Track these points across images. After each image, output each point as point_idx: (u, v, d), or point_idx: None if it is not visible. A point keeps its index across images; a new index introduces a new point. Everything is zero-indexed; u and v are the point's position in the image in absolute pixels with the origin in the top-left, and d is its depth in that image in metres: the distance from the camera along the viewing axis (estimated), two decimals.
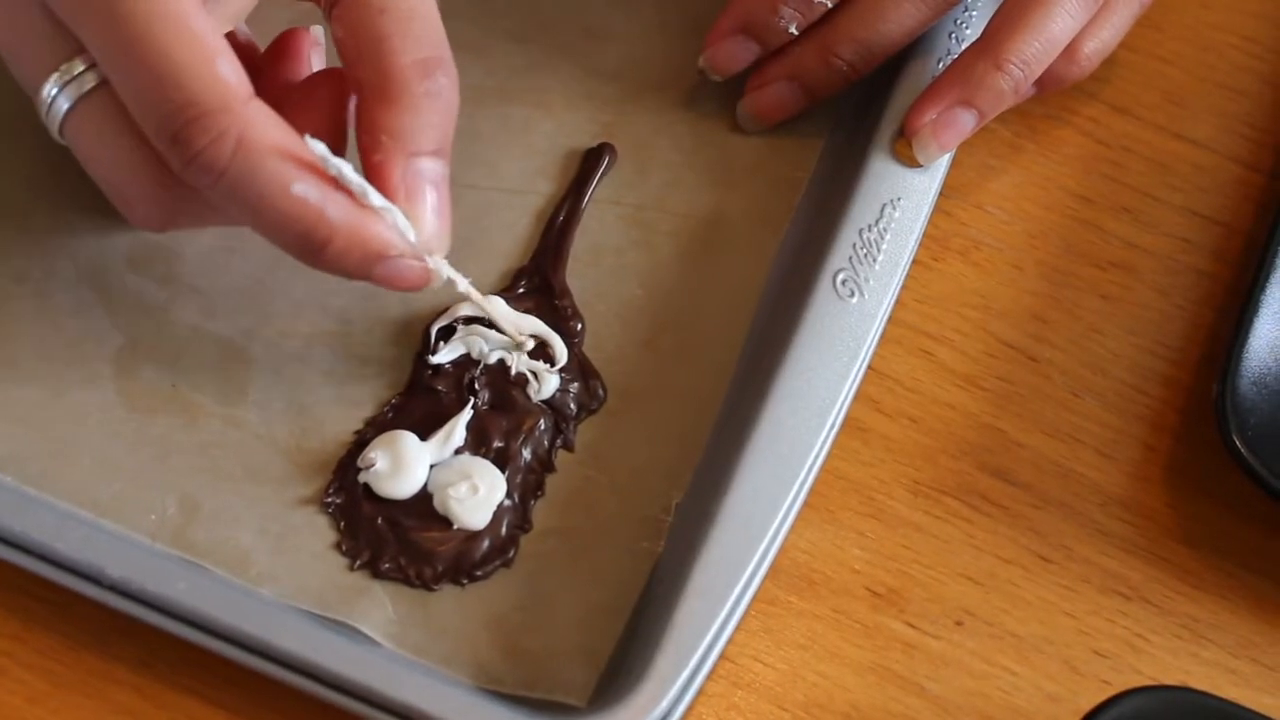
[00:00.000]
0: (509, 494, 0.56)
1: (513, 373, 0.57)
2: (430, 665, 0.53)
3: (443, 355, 0.57)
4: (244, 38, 0.57)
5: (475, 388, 0.57)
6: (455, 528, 0.55)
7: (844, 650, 0.56)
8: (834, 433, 0.56)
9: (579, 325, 0.59)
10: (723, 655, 0.53)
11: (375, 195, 0.51)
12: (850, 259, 0.58)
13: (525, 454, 0.56)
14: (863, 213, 0.59)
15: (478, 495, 0.55)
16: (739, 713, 0.55)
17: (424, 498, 0.55)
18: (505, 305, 0.58)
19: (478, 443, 0.56)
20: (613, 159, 0.62)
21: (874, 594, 0.57)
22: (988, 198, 0.63)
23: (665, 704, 0.51)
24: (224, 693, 0.53)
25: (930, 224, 0.61)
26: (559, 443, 0.57)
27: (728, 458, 0.55)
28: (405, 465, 0.55)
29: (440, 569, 0.54)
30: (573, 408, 0.57)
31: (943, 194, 0.61)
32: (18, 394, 0.56)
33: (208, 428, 0.56)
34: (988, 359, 0.61)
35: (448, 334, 0.58)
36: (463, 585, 0.54)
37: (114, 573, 0.52)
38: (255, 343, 0.58)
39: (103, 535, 0.53)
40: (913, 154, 0.60)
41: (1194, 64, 0.66)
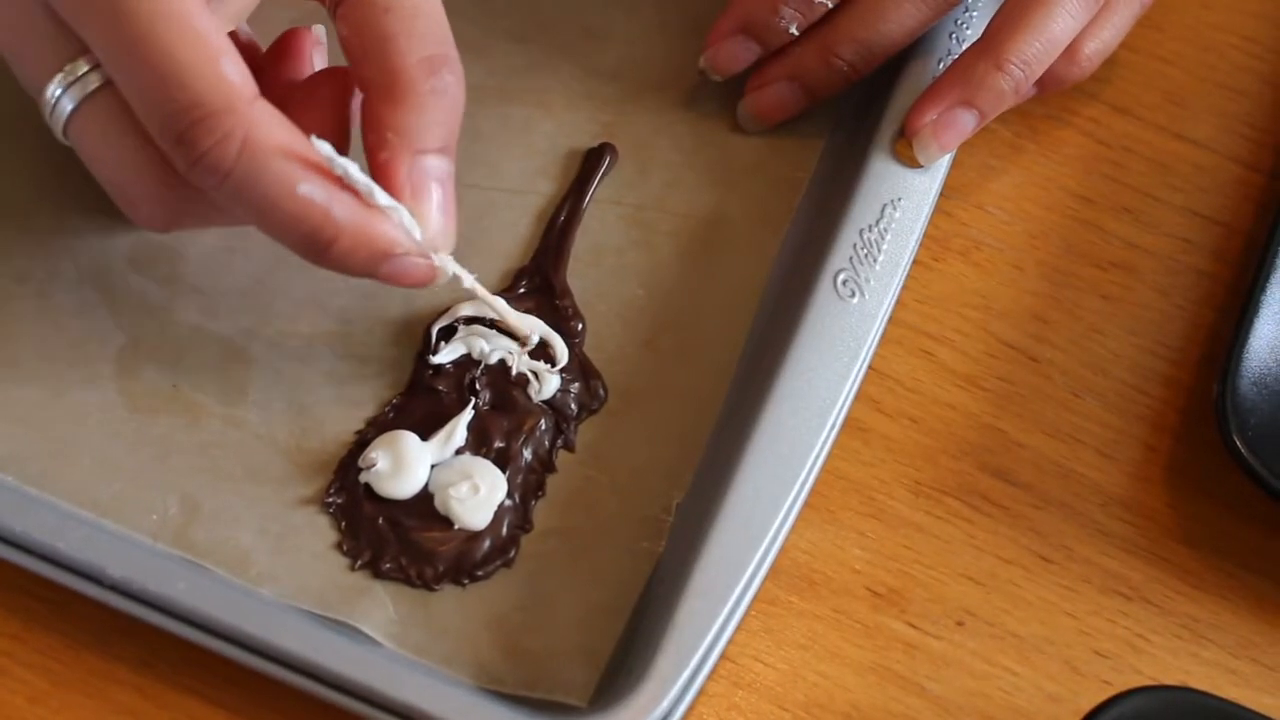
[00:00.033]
0: (510, 494, 0.56)
1: (513, 373, 0.57)
2: (431, 665, 0.53)
3: (444, 355, 0.57)
4: (245, 37, 0.57)
5: (476, 388, 0.57)
6: (456, 528, 0.55)
7: (845, 650, 0.56)
8: (834, 433, 0.56)
9: (580, 325, 0.59)
10: (723, 655, 0.53)
11: (381, 194, 0.51)
12: (851, 259, 0.58)
13: (526, 454, 0.56)
14: (863, 213, 0.59)
15: (479, 495, 0.55)
16: (740, 713, 0.55)
17: (425, 498, 0.55)
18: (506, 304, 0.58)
19: (479, 443, 0.56)
20: (613, 159, 0.62)
21: (875, 594, 0.57)
22: (988, 198, 0.63)
23: (666, 704, 0.51)
24: (225, 692, 0.53)
25: (931, 224, 0.61)
26: (560, 443, 0.57)
27: (728, 458, 0.55)
28: (406, 465, 0.55)
29: (441, 569, 0.54)
30: (573, 408, 0.57)
31: (943, 194, 0.61)
32: (19, 394, 0.56)
33: (208, 428, 0.56)
34: (988, 359, 0.61)
35: (449, 334, 0.58)
36: (464, 585, 0.54)
37: (115, 572, 0.52)
38: (256, 343, 0.58)
39: (103, 535, 0.53)
40: (913, 154, 0.60)
41: (1194, 64, 0.66)
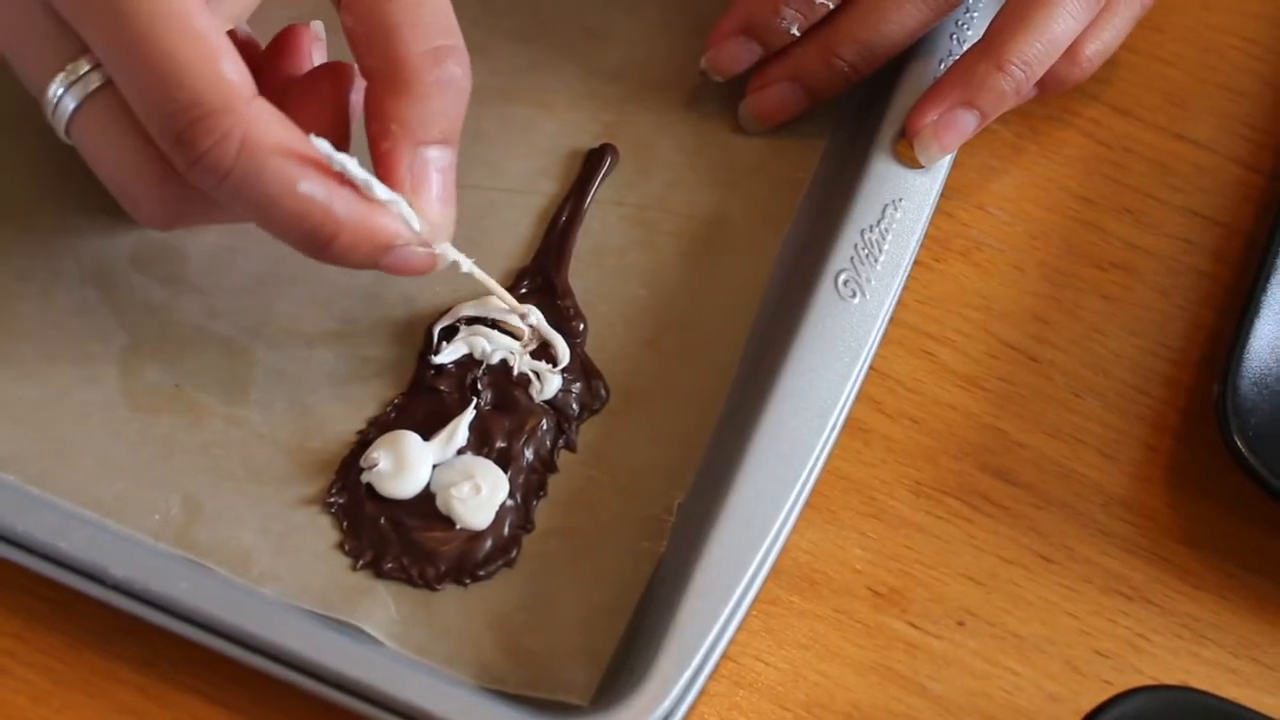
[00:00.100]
0: (511, 494, 0.56)
1: (515, 373, 0.57)
2: (433, 665, 0.53)
3: (445, 355, 0.57)
4: (244, 35, 0.57)
5: (478, 388, 0.57)
6: (458, 528, 0.55)
7: (846, 650, 0.56)
8: (836, 433, 0.56)
9: (581, 325, 0.59)
10: (725, 655, 0.53)
11: (380, 188, 0.51)
12: (852, 259, 0.59)
13: (528, 454, 0.56)
14: (864, 213, 0.59)
15: (480, 495, 0.55)
16: (741, 712, 0.55)
17: (427, 498, 0.55)
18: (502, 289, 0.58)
19: (480, 443, 0.56)
20: (615, 159, 0.62)
21: (876, 594, 0.57)
22: (989, 198, 0.63)
23: (667, 703, 0.51)
24: (227, 692, 0.53)
25: (931, 225, 0.61)
26: (561, 443, 0.57)
27: (730, 458, 0.55)
28: (408, 465, 0.55)
29: (443, 569, 0.54)
30: (575, 408, 0.57)
31: (944, 195, 0.61)
32: (21, 393, 0.56)
33: (210, 427, 0.56)
34: (989, 360, 0.61)
35: (450, 334, 0.58)
36: (465, 585, 0.54)
37: (117, 572, 0.52)
38: (258, 342, 0.58)
39: (106, 535, 0.53)
40: (914, 155, 0.60)
41: (1195, 65, 0.66)
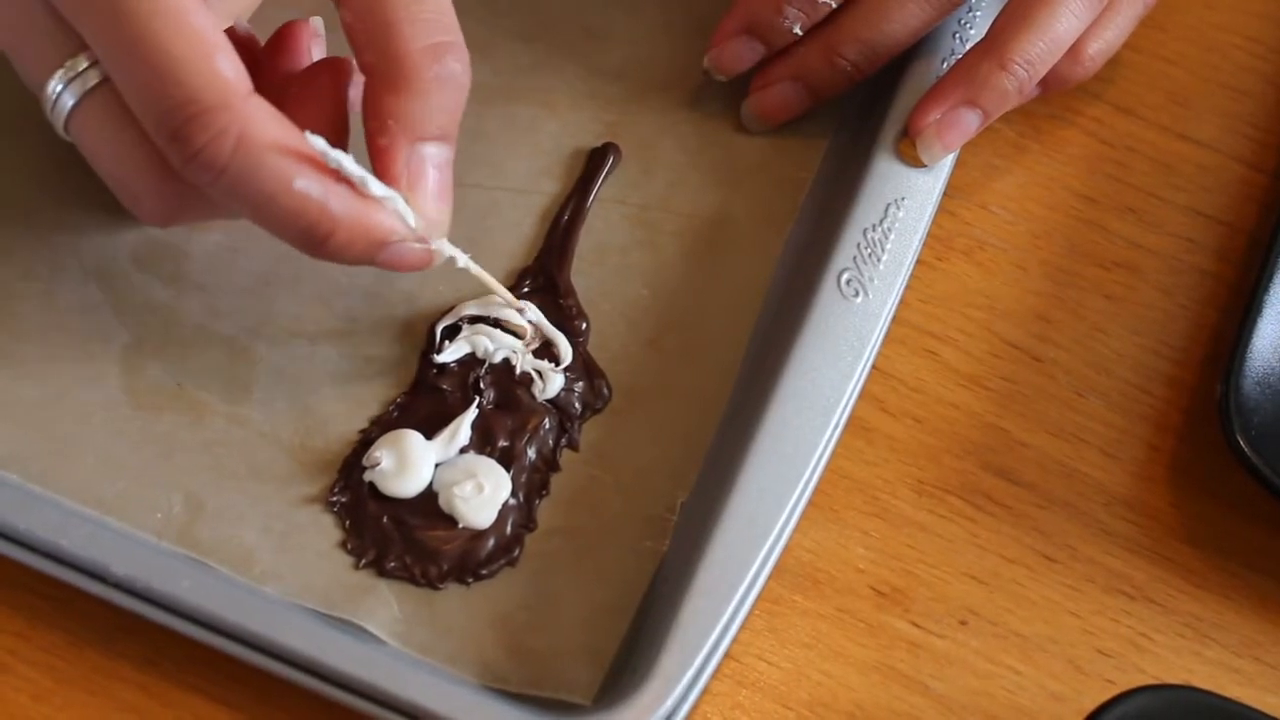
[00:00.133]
0: (514, 493, 0.56)
1: (518, 372, 0.57)
2: (436, 664, 0.53)
3: (448, 354, 0.57)
4: (244, 31, 0.57)
5: (480, 387, 0.57)
6: (460, 527, 0.55)
7: (848, 649, 0.56)
8: (838, 432, 0.56)
9: (584, 324, 0.59)
10: (727, 654, 0.53)
11: (375, 184, 0.51)
12: (854, 259, 0.58)
13: (530, 453, 0.56)
14: (867, 213, 0.59)
15: (483, 494, 0.55)
16: (743, 711, 0.55)
17: (429, 496, 0.55)
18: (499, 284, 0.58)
19: (483, 442, 0.56)
20: (617, 159, 0.62)
21: (878, 593, 0.57)
22: (992, 198, 0.63)
23: (670, 702, 0.51)
24: (229, 690, 0.53)
25: (934, 224, 0.61)
26: (564, 442, 0.57)
27: (732, 457, 0.55)
28: (410, 464, 0.55)
29: (445, 568, 0.54)
30: (577, 407, 0.57)
31: (947, 194, 0.61)
32: (23, 391, 0.56)
33: (212, 426, 0.56)
34: (992, 359, 0.61)
35: (453, 333, 0.58)
36: (468, 584, 0.54)
37: (119, 570, 0.52)
38: (260, 341, 0.57)
39: (107, 533, 0.53)
40: (917, 154, 0.60)
41: (1198, 64, 0.66)
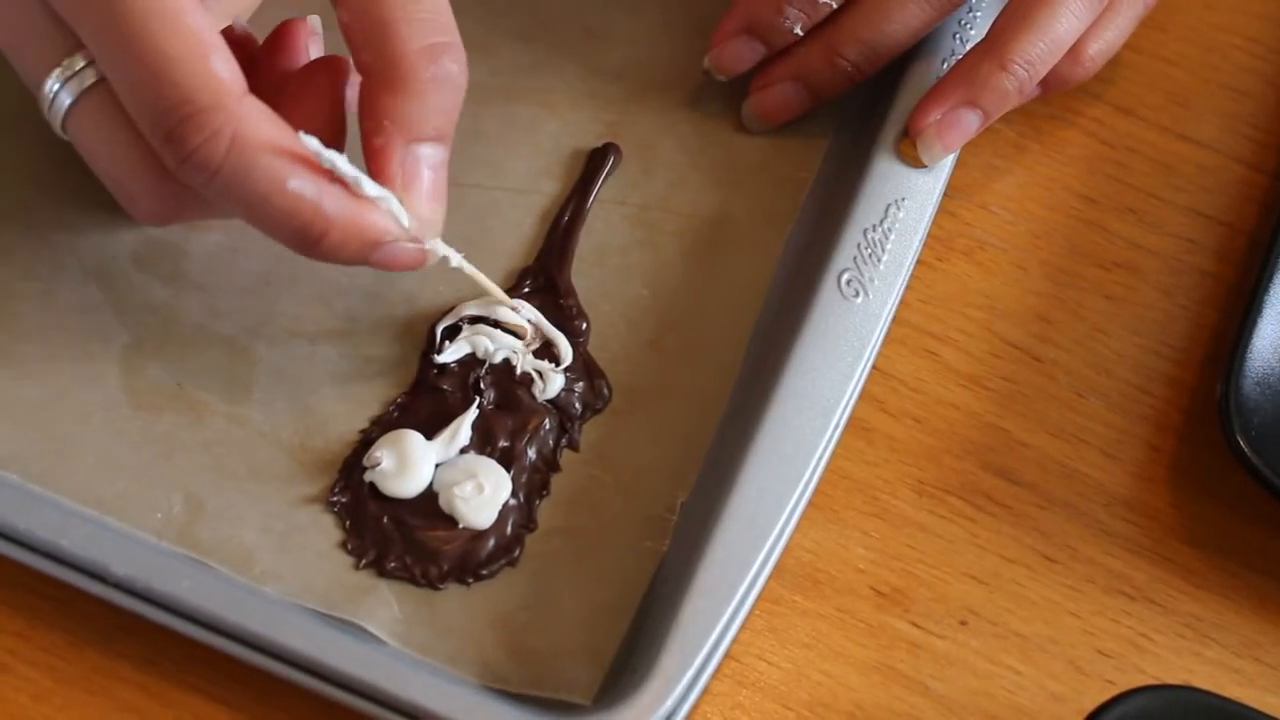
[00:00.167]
0: (514, 493, 0.56)
1: (518, 372, 0.57)
2: (436, 664, 0.53)
3: (448, 354, 0.57)
4: (241, 30, 0.57)
5: (480, 387, 0.57)
6: (461, 527, 0.55)
7: (848, 649, 0.56)
8: (838, 432, 0.56)
9: (584, 325, 0.59)
10: (727, 654, 0.53)
11: (369, 185, 0.51)
12: (855, 259, 0.58)
13: (530, 453, 0.56)
14: (867, 213, 0.59)
15: (483, 494, 0.55)
16: (744, 711, 0.55)
17: (429, 497, 0.55)
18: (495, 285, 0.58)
19: (483, 442, 0.56)
20: (618, 159, 0.62)
21: (878, 593, 0.57)
22: (992, 198, 0.63)
23: (670, 702, 0.51)
24: (229, 690, 0.53)
25: (934, 224, 0.61)
26: (564, 442, 0.57)
27: (733, 457, 0.55)
28: (411, 464, 0.55)
29: (446, 568, 0.54)
30: (578, 407, 0.57)
31: (947, 194, 0.61)
32: (23, 391, 0.56)
33: (212, 426, 0.56)
34: (992, 359, 0.61)
35: (453, 333, 0.58)
36: (468, 584, 0.54)
37: (118, 570, 0.52)
38: (260, 341, 0.57)
39: (107, 533, 0.53)
40: (917, 154, 0.60)
41: (1198, 65, 0.66)
